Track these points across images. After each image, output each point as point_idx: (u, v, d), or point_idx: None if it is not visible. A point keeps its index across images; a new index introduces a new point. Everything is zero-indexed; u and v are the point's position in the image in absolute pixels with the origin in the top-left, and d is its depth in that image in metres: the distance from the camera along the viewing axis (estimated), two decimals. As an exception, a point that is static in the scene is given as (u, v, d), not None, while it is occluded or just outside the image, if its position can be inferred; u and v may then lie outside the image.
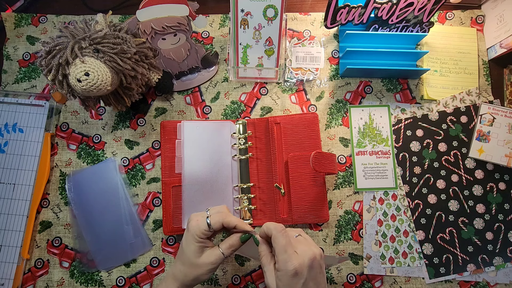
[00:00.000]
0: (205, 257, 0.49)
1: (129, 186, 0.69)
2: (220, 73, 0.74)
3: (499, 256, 0.66)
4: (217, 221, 0.49)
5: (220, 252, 0.49)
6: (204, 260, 0.49)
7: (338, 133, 0.71)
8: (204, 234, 0.49)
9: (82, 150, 0.70)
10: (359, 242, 0.67)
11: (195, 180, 0.66)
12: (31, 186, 0.67)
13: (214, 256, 0.49)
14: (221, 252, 0.49)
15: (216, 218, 0.49)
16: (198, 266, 0.49)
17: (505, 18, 0.70)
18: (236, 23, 0.66)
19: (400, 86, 0.73)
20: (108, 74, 0.54)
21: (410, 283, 0.66)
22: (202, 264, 0.49)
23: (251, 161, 0.69)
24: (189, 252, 0.49)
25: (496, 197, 0.68)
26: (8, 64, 0.74)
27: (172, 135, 0.69)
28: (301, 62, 0.73)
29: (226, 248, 0.50)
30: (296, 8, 0.77)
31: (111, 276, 0.66)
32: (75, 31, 0.55)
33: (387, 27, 0.70)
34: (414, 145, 0.70)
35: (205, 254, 0.49)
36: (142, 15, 0.64)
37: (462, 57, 0.74)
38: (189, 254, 0.49)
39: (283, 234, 0.45)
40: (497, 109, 0.70)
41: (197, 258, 0.49)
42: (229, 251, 0.50)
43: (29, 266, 0.66)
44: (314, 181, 0.66)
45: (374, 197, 0.68)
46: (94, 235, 0.66)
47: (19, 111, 0.70)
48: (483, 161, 0.69)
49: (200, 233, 0.49)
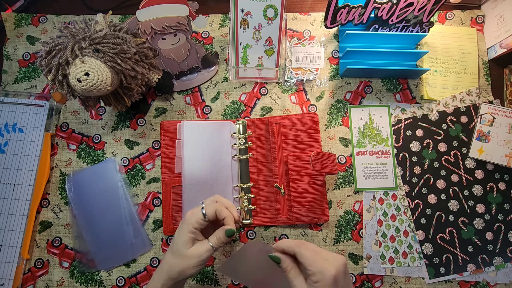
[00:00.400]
0: (194, 249, 0.50)
1: (129, 186, 0.69)
2: (220, 73, 0.74)
3: (499, 256, 0.66)
4: (211, 210, 0.51)
5: (210, 245, 0.50)
6: (192, 252, 0.50)
7: (338, 133, 0.71)
8: (198, 224, 0.50)
9: (82, 150, 0.70)
10: (359, 242, 0.67)
11: (195, 180, 0.66)
12: (31, 186, 0.67)
13: (203, 248, 0.50)
14: (211, 245, 0.50)
15: (211, 207, 0.51)
16: (186, 257, 0.50)
17: (505, 18, 0.70)
18: (236, 23, 0.66)
19: (400, 86, 0.73)
20: (108, 74, 0.54)
21: (410, 283, 0.66)
22: (191, 256, 0.49)
23: (251, 161, 0.69)
24: (180, 241, 0.50)
25: (496, 197, 0.68)
26: (8, 64, 0.74)
27: (172, 135, 0.69)
28: (301, 62, 0.73)
29: (214, 241, 0.51)
30: (296, 8, 0.77)
31: (111, 276, 0.66)
32: (75, 31, 0.55)
33: (387, 27, 0.70)
34: (414, 145, 0.70)
35: (195, 246, 0.50)
36: (142, 15, 0.64)
37: (462, 57, 0.74)
38: (180, 244, 0.50)
39: (306, 247, 0.46)
40: (497, 109, 0.70)
41: (187, 249, 0.50)
42: (218, 243, 0.51)
43: (29, 266, 0.66)
44: (314, 181, 0.66)
45: (374, 197, 0.68)
46: (94, 235, 0.66)
47: (19, 111, 0.70)
48: (483, 161, 0.69)
49: (195, 222, 0.50)
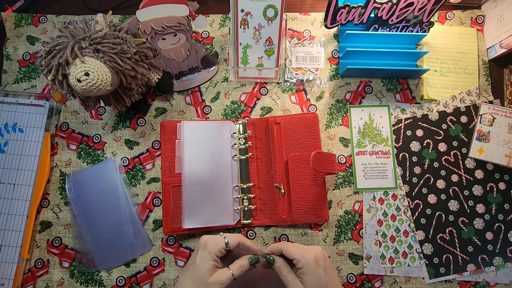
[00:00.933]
0: (216, 276, 0.50)
1: (129, 186, 0.69)
2: (220, 73, 0.74)
3: (499, 256, 0.66)
4: (234, 240, 0.53)
5: (230, 273, 0.51)
6: (215, 279, 0.50)
7: (338, 133, 0.71)
8: (220, 252, 0.52)
9: (82, 150, 0.70)
10: (359, 242, 0.67)
11: (195, 180, 0.66)
12: (31, 186, 0.67)
13: (224, 276, 0.50)
14: (231, 273, 0.51)
15: (234, 238, 0.53)
16: (208, 285, 0.50)
17: (505, 18, 0.70)
18: (236, 23, 0.66)
19: (400, 86, 0.73)
20: (108, 74, 0.54)
21: (410, 283, 0.66)
22: (213, 283, 0.50)
23: (251, 161, 0.69)
24: (203, 269, 0.50)
25: (496, 197, 0.68)
26: (8, 64, 0.74)
27: (172, 135, 0.69)
28: (301, 62, 0.73)
29: (236, 269, 0.52)
30: (296, 8, 0.77)
31: (111, 276, 0.66)
32: (75, 31, 0.55)
33: (387, 27, 0.70)
34: (414, 145, 0.70)
35: (216, 273, 0.51)
36: (142, 15, 0.64)
37: (462, 57, 0.74)
38: (203, 272, 0.50)
39: (288, 243, 0.54)
40: (497, 109, 0.70)
41: (209, 276, 0.50)
42: (238, 272, 0.52)
43: (29, 266, 0.66)
44: (314, 181, 0.66)
45: (374, 197, 0.68)
46: (94, 235, 0.66)
47: (19, 111, 0.70)
48: (483, 161, 0.69)
49: (217, 250, 0.51)
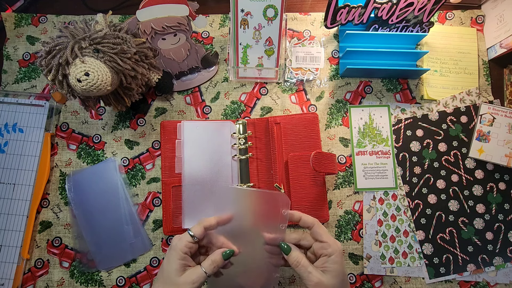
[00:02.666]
0: (186, 276, 0.47)
1: (129, 186, 0.69)
2: (220, 73, 0.74)
3: (499, 256, 0.66)
4: (198, 229, 0.49)
5: (202, 270, 0.47)
6: (185, 279, 0.46)
7: (338, 133, 0.71)
8: (188, 248, 0.48)
9: (82, 150, 0.70)
10: (359, 242, 0.67)
11: (195, 180, 0.66)
12: (31, 186, 0.67)
13: (195, 275, 0.47)
14: (203, 271, 0.47)
15: (197, 226, 0.50)
16: (179, 285, 0.46)
17: (505, 18, 0.70)
18: (236, 23, 0.66)
19: (400, 86, 0.73)
20: (108, 74, 0.54)
21: (410, 283, 0.66)
22: (183, 283, 0.46)
23: (251, 161, 0.69)
24: (170, 270, 0.47)
25: (496, 197, 0.68)
26: (8, 64, 0.74)
27: (172, 135, 0.69)
28: (301, 62, 0.73)
29: (208, 266, 0.48)
30: (296, 8, 0.77)
31: (111, 276, 0.66)
32: (75, 31, 0.55)
33: (387, 27, 0.70)
34: (414, 145, 0.70)
35: (187, 272, 0.47)
36: (142, 15, 0.64)
37: (462, 57, 0.74)
38: (170, 273, 0.47)
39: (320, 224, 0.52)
40: (497, 109, 0.70)
41: (178, 277, 0.47)
42: (211, 268, 0.48)
43: (29, 266, 0.66)
44: (314, 181, 0.66)
45: (374, 197, 0.68)
46: (94, 235, 0.66)
47: (19, 111, 0.70)
48: (483, 161, 0.69)
49: (183, 246, 0.48)
